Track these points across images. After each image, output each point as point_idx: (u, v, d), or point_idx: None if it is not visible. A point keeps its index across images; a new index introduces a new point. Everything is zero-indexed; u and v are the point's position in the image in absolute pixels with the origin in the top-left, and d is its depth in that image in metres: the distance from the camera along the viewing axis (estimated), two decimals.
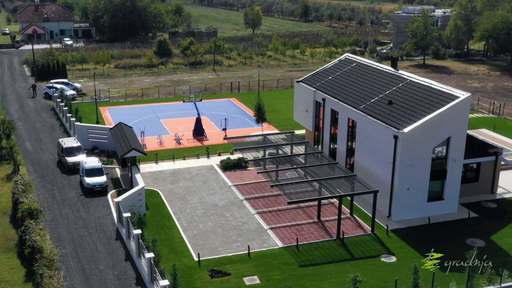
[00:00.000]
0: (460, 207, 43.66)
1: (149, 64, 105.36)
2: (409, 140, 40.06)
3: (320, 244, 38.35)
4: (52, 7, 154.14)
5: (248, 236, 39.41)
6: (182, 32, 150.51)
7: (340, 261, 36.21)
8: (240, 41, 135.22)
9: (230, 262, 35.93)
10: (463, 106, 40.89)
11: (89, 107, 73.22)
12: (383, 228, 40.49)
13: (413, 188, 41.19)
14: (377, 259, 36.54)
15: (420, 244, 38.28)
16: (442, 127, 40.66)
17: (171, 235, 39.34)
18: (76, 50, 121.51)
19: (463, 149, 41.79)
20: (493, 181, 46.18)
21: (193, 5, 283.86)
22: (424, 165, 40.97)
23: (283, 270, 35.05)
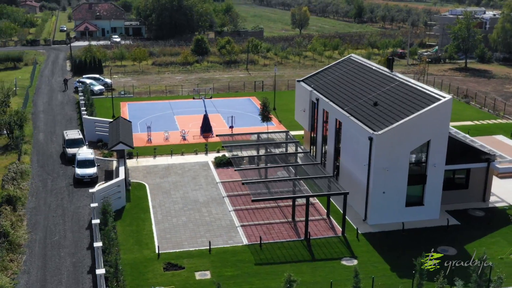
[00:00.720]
0: (443, 214, 42.25)
1: (185, 62, 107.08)
2: (384, 142, 39.16)
3: (284, 244, 38.13)
4: (105, 6, 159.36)
5: (216, 232, 39.68)
6: (228, 32, 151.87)
7: (298, 262, 35.92)
8: (282, 41, 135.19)
9: (189, 256, 36.34)
10: (443, 109, 39.55)
11: (109, 101, 75.43)
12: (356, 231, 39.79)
13: (389, 192, 40.22)
14: (337, 262, 35.99)
15: (387, 250, 37.44)
16: (420, 130, 39.48)
17: (142, 227, 40.16)
18: (122, 47, 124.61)
19: (444, 154, 40.41)
20: (484, 188, 44.32)
21: (252, 5, 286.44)
22: (401, 168, 39.92)
23: (238, 267, 35.13)
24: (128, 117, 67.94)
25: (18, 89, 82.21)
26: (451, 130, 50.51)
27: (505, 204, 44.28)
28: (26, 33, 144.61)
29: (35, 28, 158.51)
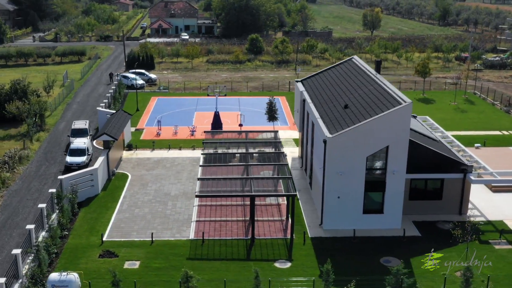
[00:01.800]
0: (409, 224, 40.48)
1: (236, 60, 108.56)
2: (337, 146, 38.21)
3: (227, 241, 38.32)
4: (180, 4, 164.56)
5: (169, 225, 40.55)
6: (296, 32, 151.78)
7: (231, 260, 36.01)
8: (345, 42, 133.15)
9: (129, 246, 37.49)
10: (402, 114, 37.89)
11: (142, 96, 78.46)
12: (307, 234, 39.17)
13: (345, 198, 39.18)
14: (270, 263, 35.69)
15: (328, 256, 36.42)
16: (377, 135, 38.09)
17: (102, 216, 41.82)
18: (179, 44, 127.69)
19: (404, 161, 38.69)
20: (461, 201, 41.89)
21: (342, 5, 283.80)
22: (357, 174, 38.75)
23: (168, 260, 35.81)
24: (151, 111, 70.55)
25: (68, 81, 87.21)
26: (442, 135, 48.20)
27: (482, 219, 41.57)
28: (104, 29, 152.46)
29: (115, 25, 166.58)
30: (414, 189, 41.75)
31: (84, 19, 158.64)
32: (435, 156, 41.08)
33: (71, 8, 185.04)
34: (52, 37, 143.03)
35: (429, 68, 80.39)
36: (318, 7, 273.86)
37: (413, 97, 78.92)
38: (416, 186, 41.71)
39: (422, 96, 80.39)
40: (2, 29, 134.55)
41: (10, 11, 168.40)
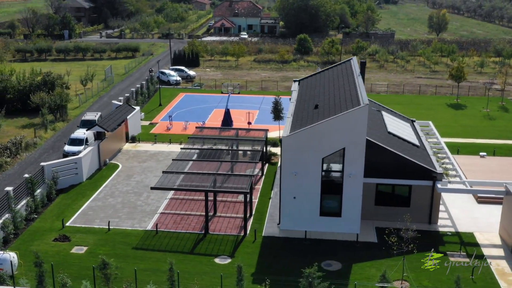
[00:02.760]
0: (370, 229, 39.47)
1: (282, 60, 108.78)
2: (291, 146, 37.91)
3: (180, 234, 39.06)
4: (244, 4, 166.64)
5: (133, 215, 41.85)
6: (357, 33, 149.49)
7: (172, 252, 36.68)
8: (401, 44, 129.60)
9: (86, 232, 39.12)
10: (357, 116, 37.00)
11: (170, 91, 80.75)
12: (261, 233, 39.23)
13: (301, 199, 38.78)
14: (210, 258, 36.06)
15: (271, 255, 36.45)
16: (333, 137, 37.42)
17: (76, 202, 43.81)
18: (228, 43, 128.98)
19: (362, 164, 37.72)
20: (430, 210, 40.25)
21: (423, 7, 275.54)
22: (313, 175, 38.25)
23: (115, 247, 37.06)
24: (173, 106, 72.48)
25: (111, 76, 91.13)
26: (434, 141, 46.37)
27: (451, 230, 39.75)
28: (169, 27, 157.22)
29: (181, 23, 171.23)
30: (380, 194, 40.58)
31: (151, 18, 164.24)
32: (402, 162, 39.67)
33: (145, 6, 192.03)
34: (117, 34, 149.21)
35: (463, 72, 76.92)
36: (397, 8, 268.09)
37: (443, 102, 76.13)
38: (383, 191, 40.48)
39: (454, 102, 77.14)
40: (70, 25, 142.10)
41: (86, 9, 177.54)
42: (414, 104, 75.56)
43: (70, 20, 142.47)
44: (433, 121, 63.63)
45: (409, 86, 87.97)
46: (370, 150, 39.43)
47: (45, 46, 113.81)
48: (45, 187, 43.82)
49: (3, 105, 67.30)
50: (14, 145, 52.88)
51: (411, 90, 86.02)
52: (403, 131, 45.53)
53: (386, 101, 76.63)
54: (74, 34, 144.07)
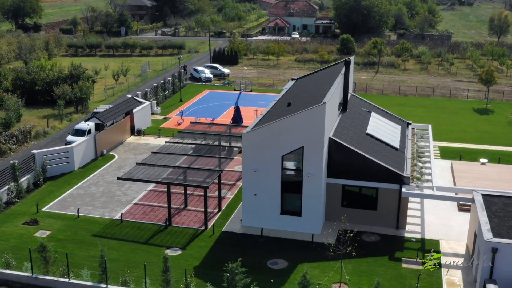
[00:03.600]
0: (333, 231, 38.81)
1: (322, 59, 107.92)
2: (251, 142, 37.96)
3: (142, 225, 39.96)
4: (299, 4, 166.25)
5: (108, 204, 43.21)
6: (412, 34, 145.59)
7: (128, 241, 37.62)
8: (452, 46, 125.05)
9: (56, 218, 40.84)
10: (314, 116, 36.51)
11: (197, 88, 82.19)
12: (220, 228, 39.56)
13: (262, 196, 38.72)
14: (161, 249, 36.71)
15: (222, 251, 36.65)
16: (291, 135, 37.12)
17: (59, 190, 45.73)
18: (297, 43, 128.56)
19: (321, 164, 37.20)
20: (397, 214, 39.08)
21: (500, 9, 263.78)
22: (273, 173, 38.11)
23: (76, 233, 38.48)
24: (195, 102, 73.96)
25: (150, 71, 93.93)
26: (422, 145, 44.89)
27: (417, 237, 38.41)
28: (222, 26, 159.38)
29: (238, 22, 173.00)
30: (346, 196, 39.79)
31: (208, 16, 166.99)
32: (369, 164, 38.71)
33: (207, 5, 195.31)
34: (172, 32, 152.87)
35: (493, 76, 73.46)
36: (470, 10, 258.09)
37: (471, 107, 73.22)
38: (349, 193, 39.68)
39: (483, 107, 73.88)
40: (127, 23, 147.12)
41: (148, 7, 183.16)
42: (438, 108, 73.02)
43: (126, 18, 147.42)
44: (451, 126, 61.90)
45: (444, 90, 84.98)
46: (336, 151, 38.95)
47: (95, 42, 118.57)
48: (33, 174, 45.90)
49: (32, 96, 71.01)
50: (22, 133, 55.67)
51: (444, 93, 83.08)
52: (385, 133, 44.32)
53: (410, 103, 74.78)
54: (130, 31, 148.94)
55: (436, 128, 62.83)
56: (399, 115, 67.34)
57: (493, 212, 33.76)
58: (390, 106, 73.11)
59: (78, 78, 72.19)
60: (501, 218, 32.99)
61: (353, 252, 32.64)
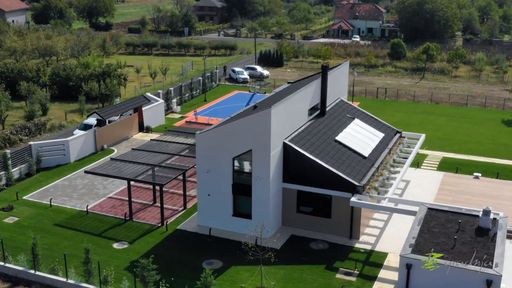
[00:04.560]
0: (283, 236, 38.74)
1: (369, 64, 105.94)
2: (204, 143, 38.61)
3: (105, 217, 41.67)
4: (365, 6, 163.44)
5: (83, 197, 45.26)
6: (478, 40, 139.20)
7: (84, 232, 39.39)
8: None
9: (31, 206, 43.44)
10: (261, 120, 36.59)
11: (227, 88, 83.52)
12: (175, 226, 40.55)
13: (215, 197, 39.30)
14: (111, 242, 38.19)
15: (167, 247, 37.61)
16: (240, 138, 37.42)
17: (47, 180, 48.41)
18: (362, 47, 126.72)
19: (268, 168, 37.19)
20: (350, 224, 38.33)
21: None
22: (225, 175, 38.57)
23: (42, 222, 40.75)
24: (218, 102, 75.44)
25: (186, 71, 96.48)
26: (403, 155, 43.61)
27: (366, 248, 37.47)
28: (286, 28, 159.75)
29: (304, 24, 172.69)
30: (302, 202, 39.46)
31: (273, 18, 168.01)
32: (323, 171, 38.17)
33: (277, 7, 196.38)
34: (234, 33, 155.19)
35: None
36: None
37: (499, 118, 69.54)
38: (304, 199, 39.33)
39: (510, 117, 69.91)
40: (190, 23, 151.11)
41: (218, 8, 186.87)
42: (464, 117, 69.90)
43: (190, 18, 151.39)
44: (467, 137, 60.13)
45: (483, 99, 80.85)
46: (290, 156, 38.74)
47: (151, 41, 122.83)
48: (27, 165, 48.91)
49: (66, 91, 75.21)
50: (36, 125, 59.23)
51: (482, 102, 79.15)
52: (358, 141, 43.34)
53: (436, 111, 72.34)
54: (194, 32, 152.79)
55: (451, 138, 60.51)
56: (419, 123, 65.65)
57: (429, 227, 32.42)
58: (412, 113, 71.06)
59: (108, 76, 75.44)
60: (433, 234, 31.62)
61: (272, 259, 32.46)
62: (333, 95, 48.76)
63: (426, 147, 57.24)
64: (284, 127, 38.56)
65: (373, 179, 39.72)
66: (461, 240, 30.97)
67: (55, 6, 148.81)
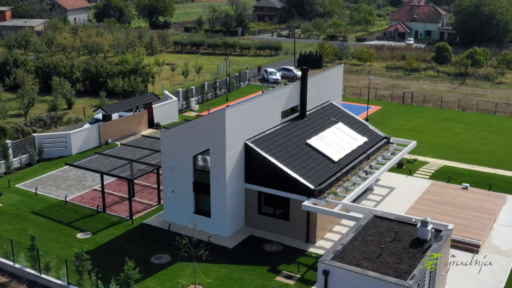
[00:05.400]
0: (240, 235, 39.18)
1: (409, 67, 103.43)
2: (168, 141, 39.65)
3: (81, 208, 43.45)
4: (425, 8, 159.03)
5: (68, 188, 47.18)
6: None
7: (55, 221, 41.35)
8: None
9: (19, 193, 45.99)
10: (217, 120, 37.15)
11: (251, 88, 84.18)
12: (141, 220, 41.85)
13: (179, 193, 40.28)
14: (76, 232, 39.94)
15: (125, 240, 38.87)
16: (200, 137, 38.13)
17: (45, 170, 50.99)
18: (412, 50, 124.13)
19: (224, 167, 37.67)
20: (307, 227, 38.18)
21: None
22: (186, 172, 39.47)
23: (20, 209, 43.06)
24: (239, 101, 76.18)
25: (221, 71, 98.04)
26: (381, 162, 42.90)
27: (319, 253, 37.16)
28: (342, 30, 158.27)
29: (363, 26, 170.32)
30: (262, 203, 39.67)
31: (328, 20, 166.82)
32: (282, 173, 38.17)
33: (339, 8, 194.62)
34: (287, 34, 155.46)
35: None
36: None
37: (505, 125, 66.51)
38: (265, 200, 39.52)
39: None
40: (244, 23, 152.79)
41: (278, 8, 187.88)
42: (483, 126, 67.11)
43: (244, 18, 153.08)
44: (480, 146, 58.75)
45: None
46: (251, 156, 39.05)
47: (198, 40, 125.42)
48: (28, 156, 51.82)
49: (97, 86, 78.58)
50: (52, 118, 62.39)
51: None
52: (332, 145, 42.86)
53: (457, 118, 70.03)
54: (248, 32, 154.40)
55: (462, 147, 58.48)
56: (434, 130, 63.87)
57: (365, 235, 31.82)
58: (431, 119, 69.07)
59: (135, 73, 78.08)
60: (365, 242, 31.02)
61: (203, 256, 32.91)
62: (320, 98, 48.39)
63: (430, 155, 55.64)
64: (246, 128, 38.82)
65: (337, 184, 39.23)
66: (391, 249, 30.20)
67: (115, 5, 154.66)
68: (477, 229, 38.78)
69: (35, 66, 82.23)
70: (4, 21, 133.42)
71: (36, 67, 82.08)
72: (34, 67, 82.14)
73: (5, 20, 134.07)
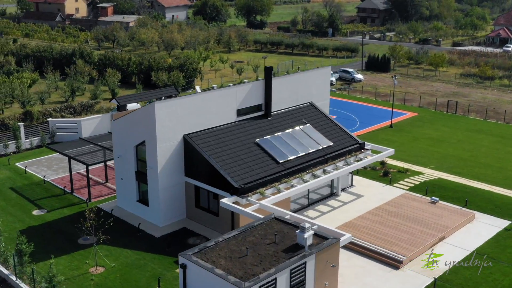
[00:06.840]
0: (175, 226, 40.39)
1: (484, 76, 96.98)
2: (116, 130, 41.85)
3: (53, 188, 46.92)
4: None
5: (59, 169, 51.28)
6: None
7: (21, 195, 45.14)
8: None
9: (12, 170, 50.60)
10: (148, 113, 38.50)
11: None
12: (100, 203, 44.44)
13: (125, 181, 42.38)
14: (34, 208, 43.27)
15: (69, 219, 41.32)
16: (138, 129, 39.84)
17: (46, 152, 55.32)
18: (489, 57, 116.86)
19: (155, 159, 39.06)
20: (232, 223, 38.52)
21: None
22: (130, 162, 41.41)
23: (3, 184, 47.37)
24: None
25: (279, 70, 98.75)
26: None
27: None
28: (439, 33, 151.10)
29: (468, 30, 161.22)
30: (199, 197, 40.50)
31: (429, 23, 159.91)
32: (212, 169, 38.68)
33: (447, 11, 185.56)
34: (378, 36, 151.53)
35: None
36: None
37: None
38: (201, 195, 40.31)
39: None
40: (335, 24, 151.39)
41: (381, 10, 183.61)
42: (497, 137, 62.34)
43: (335, 19, 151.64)
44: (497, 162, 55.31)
45: None
46: (188, 150, 40.02)
47: (276, 40, 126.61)
48: (39, 140, 56.75)
49: (147, 81, 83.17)
50: (82, 106, 67.29)
51: None
52: (285, 146, 42.36)
53: (485, 129, 65.05)
54: (339, 33, 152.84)
55: (473, 161, 54.83)
56: (457, 141, 60.81)
57: (247, 235, 31.66)
58: (461, 130, 65.29)
59: (182, 68, 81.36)
60: (242, 242, 30.81)
61: (100, 240, 34.46)
62: (296, 99, 47.78)
63: (431, 166, 52.69)
64: (187, 122, 39.59)
65: (271, 185, 38.87)
66: (260, 252, 29.77)
67: (212, 3, 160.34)
68: (410, 245, 36.60)
69: (97, 58, 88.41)
70: (106, 17, 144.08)
71: (99, 59, 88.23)
72: (97, 59, 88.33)
73: (107, 15, 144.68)
